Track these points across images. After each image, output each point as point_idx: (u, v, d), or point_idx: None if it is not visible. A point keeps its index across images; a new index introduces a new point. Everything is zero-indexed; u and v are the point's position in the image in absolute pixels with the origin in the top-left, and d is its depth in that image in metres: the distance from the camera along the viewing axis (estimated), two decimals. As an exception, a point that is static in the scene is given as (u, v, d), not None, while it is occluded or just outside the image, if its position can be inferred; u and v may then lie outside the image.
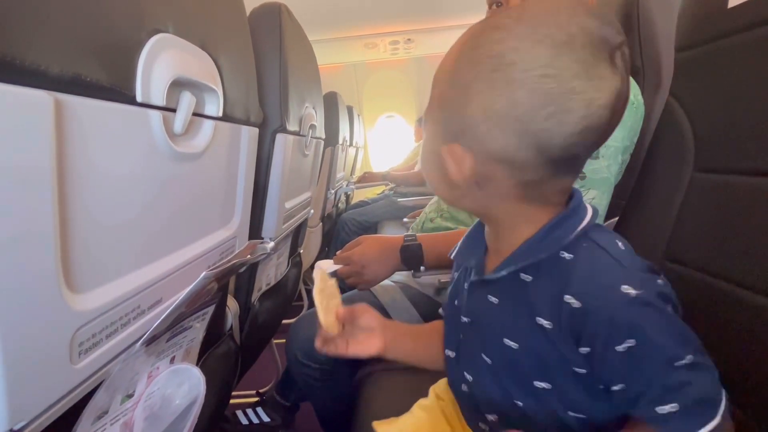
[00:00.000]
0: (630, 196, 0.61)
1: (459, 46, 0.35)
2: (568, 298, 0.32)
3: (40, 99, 0.25)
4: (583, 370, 0.34)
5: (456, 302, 0.45)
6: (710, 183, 0.49)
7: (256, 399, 1.18)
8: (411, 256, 0.74)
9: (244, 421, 1.11)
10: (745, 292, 0.42)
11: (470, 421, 0.45)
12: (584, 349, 0.33)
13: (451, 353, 0.46)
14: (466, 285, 0.43)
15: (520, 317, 0.36)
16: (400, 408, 0.54)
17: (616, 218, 0.64)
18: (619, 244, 0.35)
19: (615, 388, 0.32)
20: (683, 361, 0.30)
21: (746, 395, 0.41)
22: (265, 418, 1.12)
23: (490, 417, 0.41)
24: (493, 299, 0.39)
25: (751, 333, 0.41)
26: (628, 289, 0.30)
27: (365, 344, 0.44)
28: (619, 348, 0.31)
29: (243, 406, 1.15)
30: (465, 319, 0.43)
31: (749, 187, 0.43)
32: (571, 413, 0.36)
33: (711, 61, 0.50)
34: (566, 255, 0.34)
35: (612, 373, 0.32)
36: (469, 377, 0.42)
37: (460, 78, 0.33)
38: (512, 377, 0.38)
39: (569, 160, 0.33)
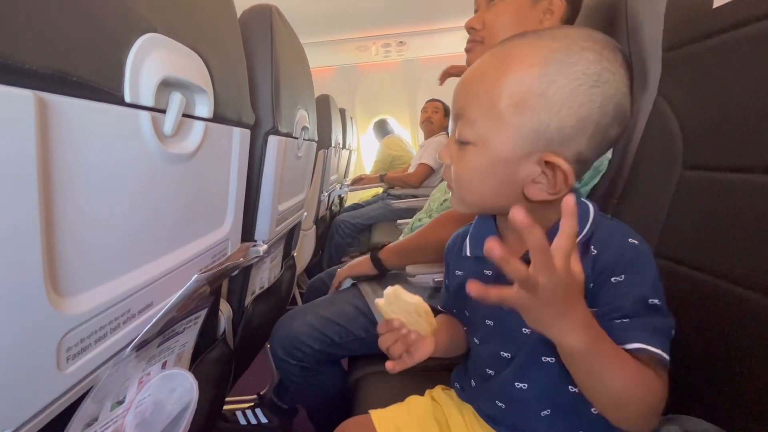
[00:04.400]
0: (621, 194, 0.62)
1: (541, 61, 0.38)
2: (592, 249, 0.39)
3: (21, 97, 0.24)
4: None
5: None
6: (699, 180, 0.49)
7: (251, 404, 1.18)
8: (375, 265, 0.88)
9: (243, 422, 1.12)
10: (735, 287, 0.42)
11: (485, 406, 0.48)
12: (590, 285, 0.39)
13: (476, 340, 0.49)
14: (488, 272, 0.47)
15: None
16: (395, 409, 0.54)
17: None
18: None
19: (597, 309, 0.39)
20: (655, 301, 0.37)
21: (734, 387, 0.42)
22: (264, 420, 1.13)
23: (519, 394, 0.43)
24: None
25: (740, 327, 0.42)
26: (633, 240, 0.39)
27: (423, 350, 0.47)
28: (614, 279, 0.38)
29: (240, 410, 1.15)
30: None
31: (737, 183, 0.44)
32: (572, 388, 0.41)
33: (697, 60, 0.50)
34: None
35: (599, 300, 0.39)
36: (506, 354, 0.45)
37: (555, 90, 0.37)
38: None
39: None
